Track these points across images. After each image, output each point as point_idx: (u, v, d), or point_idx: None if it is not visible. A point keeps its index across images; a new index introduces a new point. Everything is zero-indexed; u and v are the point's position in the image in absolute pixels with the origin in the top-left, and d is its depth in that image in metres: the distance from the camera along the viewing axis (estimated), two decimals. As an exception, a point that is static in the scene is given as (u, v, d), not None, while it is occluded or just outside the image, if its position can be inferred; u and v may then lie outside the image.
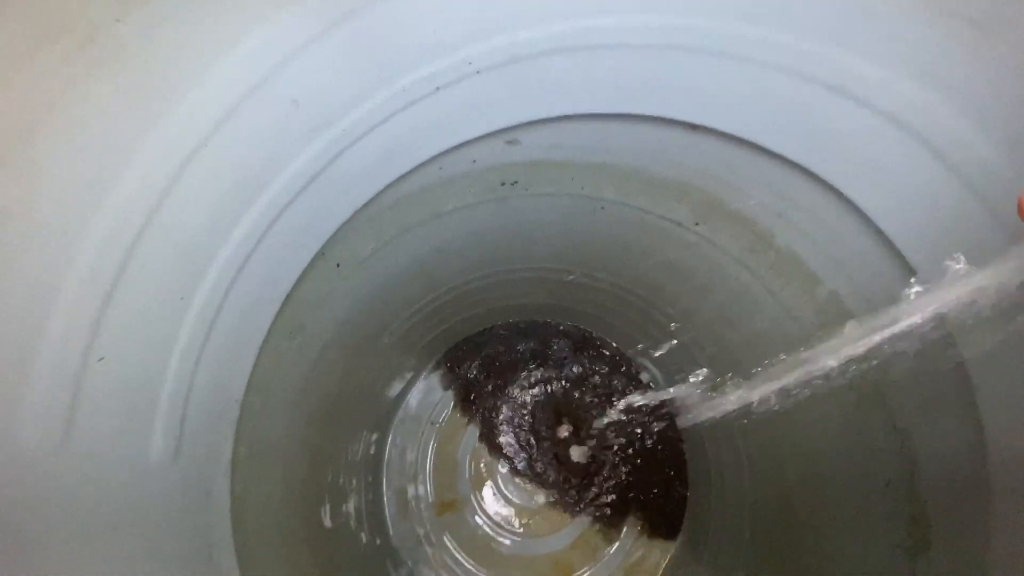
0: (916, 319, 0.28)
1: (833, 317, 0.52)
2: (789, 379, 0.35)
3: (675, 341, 0.83)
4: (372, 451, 0.95)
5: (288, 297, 0.53)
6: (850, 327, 0.32)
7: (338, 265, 0.61)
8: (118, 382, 0.31)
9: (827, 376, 0.35)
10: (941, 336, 0.41)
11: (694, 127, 0.49)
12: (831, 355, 0.33)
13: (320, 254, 0.54)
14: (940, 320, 0.28)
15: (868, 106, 0.37)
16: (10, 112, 0.24)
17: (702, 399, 0.47)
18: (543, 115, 0.51)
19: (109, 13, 0.26)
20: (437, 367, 1.04)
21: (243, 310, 0.44)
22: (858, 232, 0.44)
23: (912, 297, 0.29)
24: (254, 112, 0.35)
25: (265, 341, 0.51)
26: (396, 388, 1.00)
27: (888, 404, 0.48)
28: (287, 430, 0.61)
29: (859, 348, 0.31)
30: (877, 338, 0.30)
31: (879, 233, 0.42)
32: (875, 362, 0.31)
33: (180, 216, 0.33)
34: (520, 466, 0.99)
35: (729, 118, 0.46)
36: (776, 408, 0.40)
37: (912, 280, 0.34)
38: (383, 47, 0.39)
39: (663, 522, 0.91)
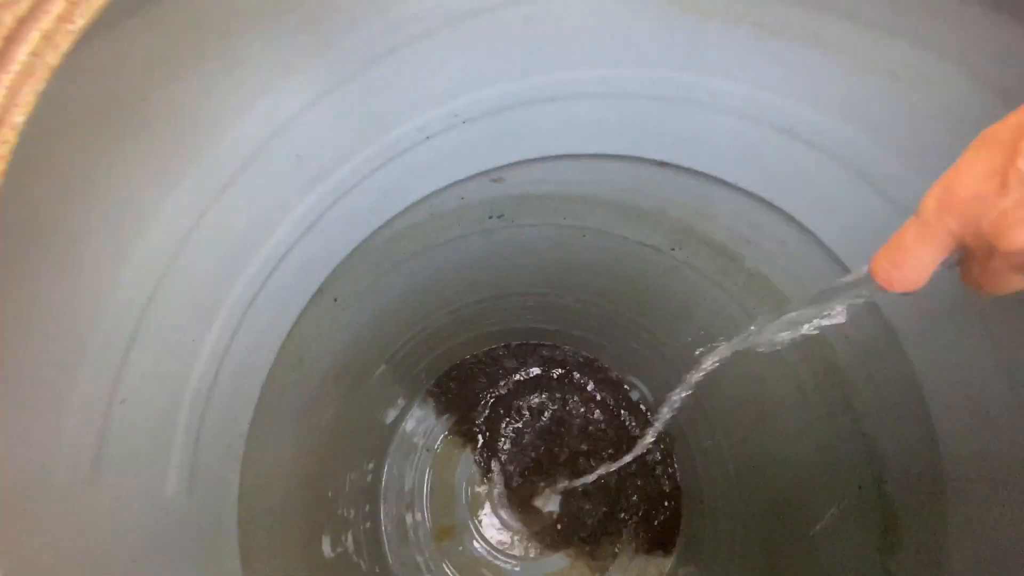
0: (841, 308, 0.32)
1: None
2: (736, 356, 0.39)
3: (661, 359, 0.86)
4: (369, 479, 0.96)
5: (289, 333, 0.55)
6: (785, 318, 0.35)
7: (336, 300, 0.64)
8: (138, 422, 0.33)
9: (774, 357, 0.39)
10: (888, 337, 0.45)
11: (663, 164, 0.53)
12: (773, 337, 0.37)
13: (319, 291, 0.57)
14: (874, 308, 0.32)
15: (813, 145, 0.41)
16: (52, 186, 0.28)
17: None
18: (526, 156, 0.55)
19: (136, 94, 0.29)
20: (431, 394, 1.06)
21: (249, 348, 0.46)
22: (815, 255, 0.49)
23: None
24: (261, 168, 0.39)
25: (268, 376, 0.54)
26: (391, 416, 1.02)
27: (855, 411, 0.51)
28: (289, 461, 0.63)
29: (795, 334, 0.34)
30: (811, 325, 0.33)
31: (833, 256, 0.46)
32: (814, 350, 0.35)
33: (194, 266, 0.36)
34: (516, 490, 1.00)
35: (694, 156, 0.50)
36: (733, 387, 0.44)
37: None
38: (377, 103, 0.43)
39: (659, 538, 0.93)
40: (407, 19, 0.38)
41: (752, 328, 0.35)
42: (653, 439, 0.73)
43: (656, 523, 0.93)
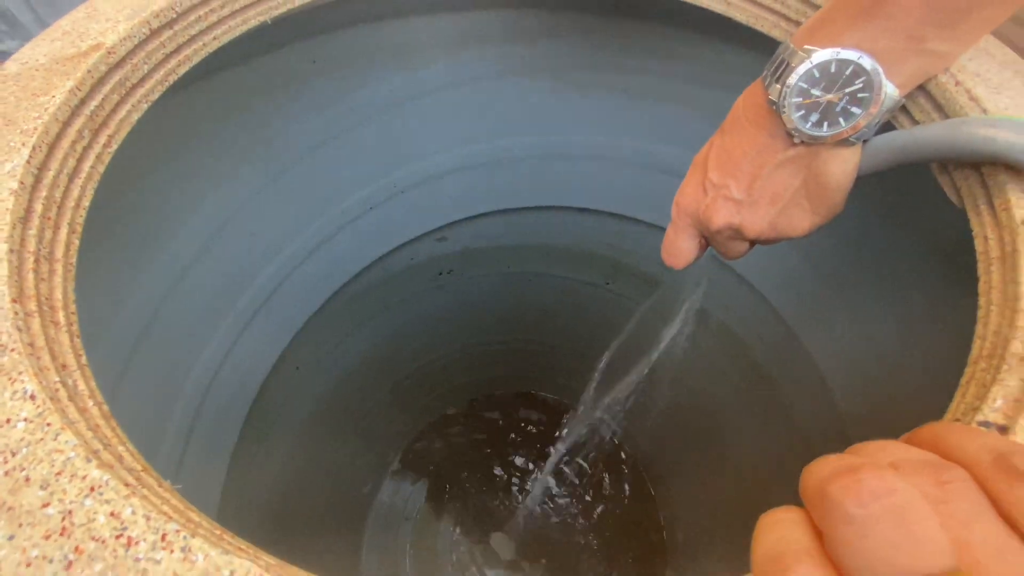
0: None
1: (723, 339, 0.63)
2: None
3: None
4: (349, 554, 0.93)
5: (253, 404, 0.57)
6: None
7: (297, 368, 0.67)
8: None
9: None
10: (787, 332, 0.52)
11: (583, 210, 0.61)
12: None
13: (281, 359, 0.60)
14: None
15: (694, 181, 0.50)
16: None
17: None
18: (462, 216, 0.62)
19: (109, 194, 0.34)
20: (404, 458, 1.06)
21: (216, 419, 0.48)
22: (722, 272, 0.56)
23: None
24: (221, 247, 0.43)
25: (235, 450, 0.55)
26: (366, 486, 1.01)
27: (780, 404, 0.57)
28: (264, 539, 0.62)
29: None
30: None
31: (735, 273, 0.54)
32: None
33: (163, 340, 0.40)
34: (500, 544, 0.99)
35: (606, 201, 0.58)
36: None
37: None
38: (321, 183, 0.49)
39: (647, 550, 0.93)
40: (343, 113, 0.45)
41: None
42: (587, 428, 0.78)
43: (642, 536, 0.94)
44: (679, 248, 0.30)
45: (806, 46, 0.22)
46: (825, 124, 0.22)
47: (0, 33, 0.82)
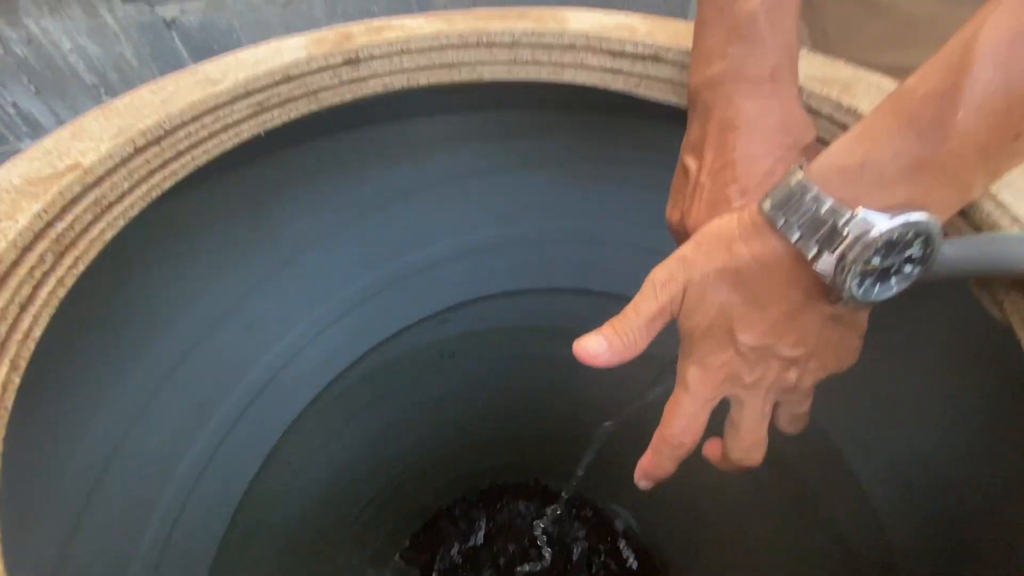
0: None
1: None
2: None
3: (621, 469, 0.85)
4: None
5: (243, 500, 0.54)
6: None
7: (289, 462, 0.63)
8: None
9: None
10: (818, 433, 0.49)
11: (583, 291, 0.61)
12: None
13: (272, 453, 0.57)
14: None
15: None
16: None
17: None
18: (464, 299, 0.62)
19: (107, 287, 0.34)
20: (403, 556, 0.98)
21: (203, 514, 0.45)
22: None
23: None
24: (215, 339, 0.43)
25: (221, 547, 0.51)
26: (359, 593, 0.92)
27: (815, 502, 0.53)
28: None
29: None
30: None
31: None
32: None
33: (151, 431, 0.38)
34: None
35: (606, 283, 0.59)
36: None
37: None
38: (325, 273, 0.50)
39: None
40: (347, 206, 0.46)
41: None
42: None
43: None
44: (701, 424, 0.28)
45: (862, 210, 0.19)
46: (877, 286, 0.21)
47: (21, 133, 0.88)
